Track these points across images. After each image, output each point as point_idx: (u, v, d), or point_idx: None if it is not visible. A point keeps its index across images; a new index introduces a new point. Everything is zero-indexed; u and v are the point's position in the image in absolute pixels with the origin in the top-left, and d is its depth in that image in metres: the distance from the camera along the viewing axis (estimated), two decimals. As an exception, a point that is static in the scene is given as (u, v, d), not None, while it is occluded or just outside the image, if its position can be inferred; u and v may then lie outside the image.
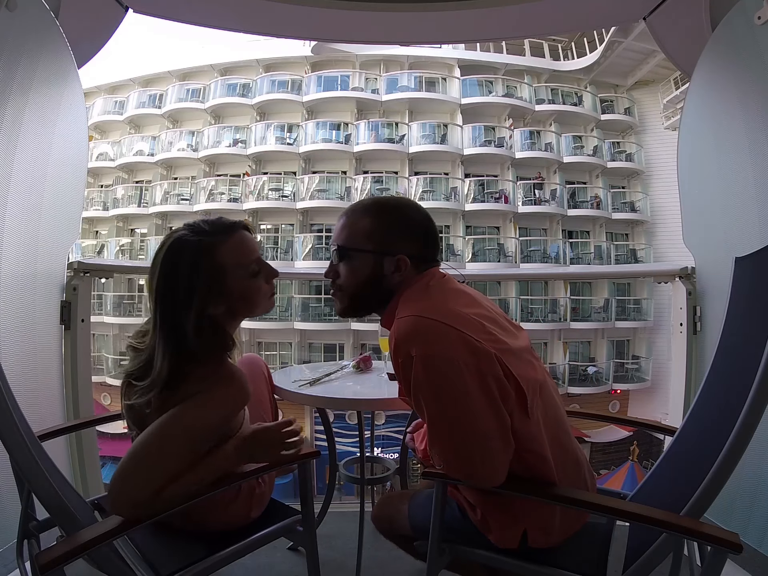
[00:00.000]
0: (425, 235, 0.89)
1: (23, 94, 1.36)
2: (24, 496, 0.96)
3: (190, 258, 0.83)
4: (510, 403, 0.79)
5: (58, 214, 1.55)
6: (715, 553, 0.75)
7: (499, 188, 12.12)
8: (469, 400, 0.76)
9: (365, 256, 0.86)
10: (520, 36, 8.64)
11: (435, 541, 0.93)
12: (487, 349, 0.77)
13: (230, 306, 0.87)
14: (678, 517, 0.78)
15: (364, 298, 0.91)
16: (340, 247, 0.88)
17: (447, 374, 0.76)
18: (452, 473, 0.84)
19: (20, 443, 0.76)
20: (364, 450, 1.50)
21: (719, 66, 1.58)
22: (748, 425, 0.75)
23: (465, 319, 0.79)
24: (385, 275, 0.87)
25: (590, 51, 12.85)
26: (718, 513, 1.40)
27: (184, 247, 0.83)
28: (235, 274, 0.86)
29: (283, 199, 12.14)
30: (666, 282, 1.87)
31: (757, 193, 1.41)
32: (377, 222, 0.87)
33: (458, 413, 0.78)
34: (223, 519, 0.98)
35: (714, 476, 0.76)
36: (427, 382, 0.77)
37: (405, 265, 0.85)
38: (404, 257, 0.85)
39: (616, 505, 0.84)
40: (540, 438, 0.83)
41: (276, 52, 12.71)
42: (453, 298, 0.84)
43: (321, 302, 11.33)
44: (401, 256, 0.85)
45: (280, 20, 1.90)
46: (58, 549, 0.72)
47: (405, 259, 0.85)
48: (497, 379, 0.77)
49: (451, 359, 0.75)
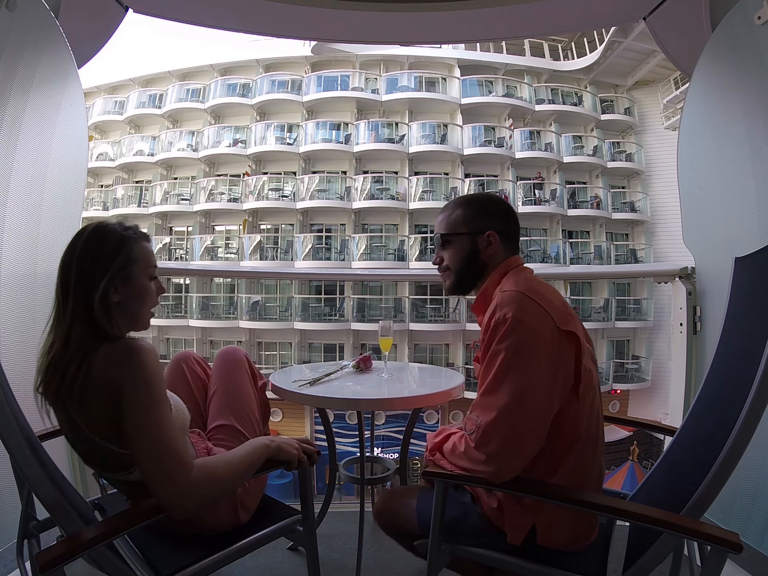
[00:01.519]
0: (506, 215, 1.05)
1: (23, 94, 1.36)
2: (24, 496, 0.96)
3: (114, 242, 0.89)
4: (567, 390, 0.88)
5: (58, 214, 1.55)
6: (716, 553, 0.75)
7: (499, 188, 12.12)
8: (535, 371, 0.86)
9: (462, 237, 1.04)
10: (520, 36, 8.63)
11: (436, 540, 0.93)
12: (571, 331, 0.88)
13: (125, 298, 0.90)
14: (678, 516, 0.78)
15: (465, 274, 1.05)
16: (442, 235, 1.06)
17: (528, 340, 0.86)
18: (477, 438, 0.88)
19: (20, 443, 0.76)
20: (364, 450, 1.50)
21: (719, 66, 1.58)
22: (749, 425, 0.75)
23: (555, 307, 0.90)
24: (480, 250, 1.02)
25: (590, 51, 12.85)
26: (718, 513, 1.40)
27: (109, 232, 0.90)
28: (141, 270, 0.92)
29: (283, 199, 12.14)
30: (666, 282, 1.87)
31: (757, 193, 1.41)
32: (467, 210, 1.05)
33: (520, 377, 0.86)
34: (209, 523, 0.98)
35: (714, 476, 0.76)
36: (510, 341, 0.87)
37: (495, 239, 1.02)
38: (493, 232, 1.02)
39: (617, 505, 0.84)
40: (582, 422, 0.90)
41: (276, 52, 12.72)
42: (544, 287, 0.96)
43: (321, 302, 11.34)
44: (491, 231, 1.01)
45: (280, 20, 1.90)
46: (58, 549, 0.72)
47: (494, 234, 1.02)
48: (567, 366, 0.88)
49: (537, 330, 0.87)
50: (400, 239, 11.83)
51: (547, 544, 0.91)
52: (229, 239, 12.35)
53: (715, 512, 1.44)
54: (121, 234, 0.91)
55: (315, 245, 11.66)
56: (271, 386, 1.40)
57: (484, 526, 0.96)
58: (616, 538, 1.00)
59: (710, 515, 1.47)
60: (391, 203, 11.90)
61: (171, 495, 0.80)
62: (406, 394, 1.37)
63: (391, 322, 1.59)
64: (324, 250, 11.69)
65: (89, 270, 0.86)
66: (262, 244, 11.80)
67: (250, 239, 11.74)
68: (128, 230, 0.93)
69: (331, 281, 11.34)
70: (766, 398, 0.75)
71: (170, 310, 11.79)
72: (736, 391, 0.80)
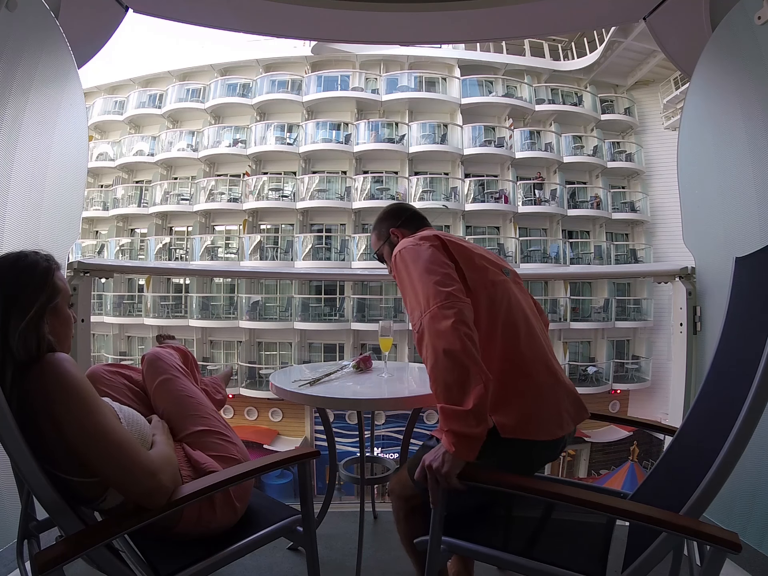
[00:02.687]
0: (397, 212, 1.34)
1: (23, 94, 1.36)
2: (24, 497, 0.96)
3: (40, 275, 0.87)
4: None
5: (58, 214, 1.55)
6: (715, 552, 0.75)
7: (499, 188, 12.12)
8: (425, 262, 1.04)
9: (383, 246, 1.34)
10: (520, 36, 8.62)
11: (435, 537, 0.93)
12: (438, 238, 1.09)
13: (54, 328, 0.87)
14: (677, 516, 0.78)
15: None
16: (376, 253, 1.37)
17: (413, 252, 1.06)
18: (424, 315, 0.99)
19: (19, 444, 0.76)
20: (364, 450, 1.50)
21: (719, 66, 1.58)
22: (748, 425, 0.75)
23: (433, 232, 1.13)
24: (396, 245, 1.19)
25: (590, 51, 12.85)
26: (718, 513, 1.40)
27: (34, 264, 0.87)
28: (63, 299, 0.91)
29: (283, 199, 12.14)
30: (666, 282, 1.87)
31: (757, 193, 1.41)
32: (375, 228, 1.37)
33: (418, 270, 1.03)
34: (197, 529, 0.97)
35: (714, 476, 0.76)
36: (400, 263, 1.08)
37: (397, 232, 1.29)
38: (393, 229, 1.30)
39: (616, 504, 0.84)
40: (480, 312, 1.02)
41: (276, 52, 12.72)
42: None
43: (321, 302, 11.34)
44: (392, 229, 1.31)
45: (280, 20, 1.90)
46: (58, 549, 0.72)
47: (394, 230, 1.30)
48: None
49: (413, 246, 1.08)
50: (400, 239, 11.80)
51: (507, 434, 0.96)
52: (229, 239, 12.35)
53: (715, 512, 1.44)
54: (47, 265, 0.88)
55: (315, 245, 11.66)
56: (271, 386, 1.41)
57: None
58: (616, 538, 1.00)
59: (710, 515, 1.47)
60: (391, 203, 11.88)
61: (143, 485, 0.79)
62: (406, 394, 1.37)
63: (391, 322, 1.59)
64: (324, 250, 11.68)
65: (13, 315, 0.82)
66: (262, 244, 11.80)
67: (250, 239, 11.74)
68: (50, 260, 0.90)
69: (331, 281, 11.32)
70: (766, 398, 0.75)
71: (170, 310, 11.80)
72: (736, 391, 0.80)
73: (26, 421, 0.78)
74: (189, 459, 1.02)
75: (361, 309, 11.11)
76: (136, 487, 0.79)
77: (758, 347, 0.76)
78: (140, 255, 12.45)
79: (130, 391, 1.17)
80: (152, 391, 1.15)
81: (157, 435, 0.97)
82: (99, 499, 0.86)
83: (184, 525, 0.95)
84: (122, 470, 0.79)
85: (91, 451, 0.78)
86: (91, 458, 0.79)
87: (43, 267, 0.88)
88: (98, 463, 0.79)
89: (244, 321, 11.22)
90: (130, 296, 12.12)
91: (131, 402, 1.13)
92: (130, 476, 0.79)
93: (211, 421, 1.11)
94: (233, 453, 1.08)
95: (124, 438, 0.80)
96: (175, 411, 1.11)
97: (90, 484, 0.84)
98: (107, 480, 0.82)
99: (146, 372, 1.18)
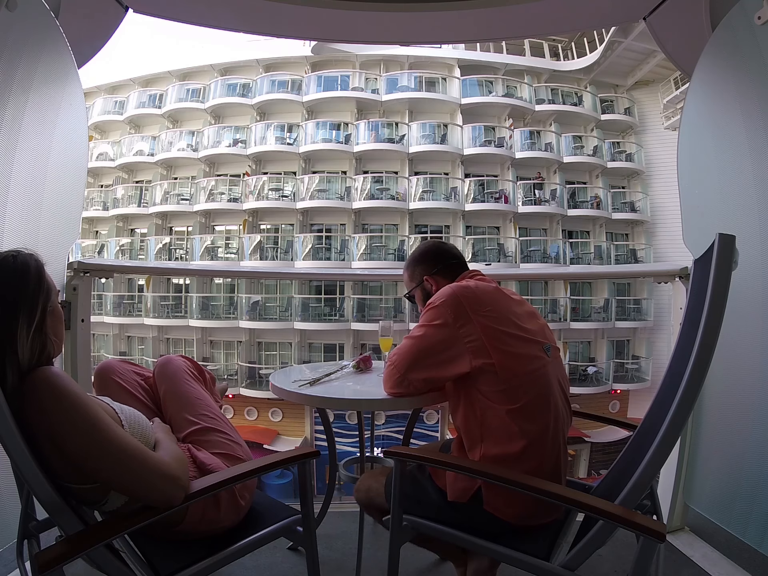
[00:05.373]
0: (434, 257, 1.31)
1: (23, 94, 1.35)
2: (24, 497, 0.96)
3: (35, 275, 0.85)
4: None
5: (58, 214, 1.55)
6: (646, 541, 0.78)
7: (499, 188, 12.12)
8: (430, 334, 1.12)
9: (415, 289, 1.34)
10: (520, 36, 8.64)
11: (396, 513, 0.99)
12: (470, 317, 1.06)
13: (54, 327, 0.87)
14: (610, 505, 0.81)
15: None
16: (407, 295, 1.40)
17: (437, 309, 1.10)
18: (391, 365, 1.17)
19: (19, 444, 0.76)
20: (364, 450, 1.51)
21: (719, 66, 1.58)
22: (677, 419, 0.79)
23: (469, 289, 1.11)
24: (428, 291, 1.28)
25: (590, 51, 12.86)
26: (718, 513, 1.40)
27: (25, 264, 0.85)
28: (56, 296, 0.90)
29: (283, 199, 12.14)
30: (666, 282, 1.86)
31: (757, 193, 1.41)
32: (408, 270, 1.36)
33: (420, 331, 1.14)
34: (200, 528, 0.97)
35: (645, 467, 0.80)
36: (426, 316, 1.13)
37: (431, 280, 1.28)
38: (427, 276, 1.29)
39: (555, 490, 0.87)
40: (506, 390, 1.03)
41: (276, 52, 12.72)
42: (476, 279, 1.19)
43: (321, 302, 11.34)
44: (426, 276, 1.29)
45: (280, 20, 1.90)
46: (58, 549, 0.72)
47: (428, 278, 1.29)
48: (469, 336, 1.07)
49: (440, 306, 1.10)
50: (400, 239, 11.84)
51: (494, 513, 0.98)
52: (229, 239, 12.36)
53: (715, 512, 1.44)
54: (37, 264, 0.87)
55: (315, 245, 11.66)
56: (271, 386, 1.40)
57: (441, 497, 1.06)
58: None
59: (710, 515, 1.47)
60: (391, 203, 11.90)
61: (159, 489, 0.79)
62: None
63: (391, 322, 1.59)
64: (324, 250, 11.69)
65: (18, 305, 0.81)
66: (262, 244, 11.80)
67: (250, 239, 11.74)
68: (37, 258, 0.88)
69: (331, 281, 11.34)
70: (695, 395, 0.79)
71: (170, 311, 11.80)
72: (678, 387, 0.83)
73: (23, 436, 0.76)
74: (194, 459, 1.02)
75: (361, 309, 11.11)
76: (154, 494, 0.79)
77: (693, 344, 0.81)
78: (140, 255, 12.45)
79: (141, 387, 1.19)
80: (162, 394, 1.17)
81: (159, 434, 0.98)
82: (100, 502, 0.86)
83: (187, 523, 0.95)
84: (137, 480, 0.79)
85: (101, 464, 0.79)
86: (102, 471, 0.79)
87: (35, 266, 0.86)
88: (109, 475, 0.79)
89: (244, 321, 11.22)
90: (130, 296, 12.13)
91: (141, 397, 1.16)
92: (144, 482, 0.79)
93: (218, 422, 1.13)
94: (239, 453, 1.08)
95: (130, 445, 0.80)
96: (183, 410, 1.13)
97: (90, 489, 0.84)
98: (122, 490, 0.82)
99: (157, 375, 1.20)
